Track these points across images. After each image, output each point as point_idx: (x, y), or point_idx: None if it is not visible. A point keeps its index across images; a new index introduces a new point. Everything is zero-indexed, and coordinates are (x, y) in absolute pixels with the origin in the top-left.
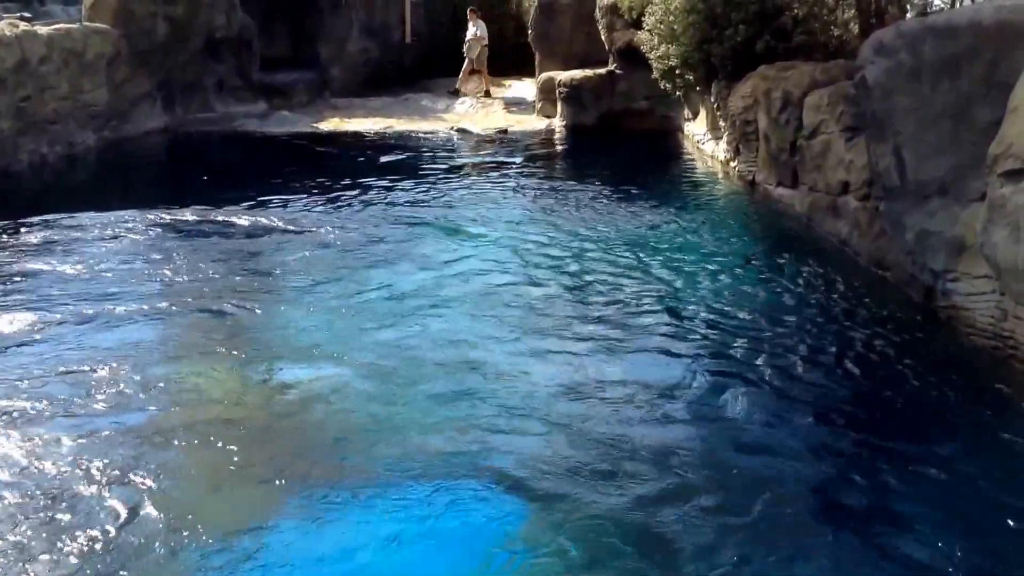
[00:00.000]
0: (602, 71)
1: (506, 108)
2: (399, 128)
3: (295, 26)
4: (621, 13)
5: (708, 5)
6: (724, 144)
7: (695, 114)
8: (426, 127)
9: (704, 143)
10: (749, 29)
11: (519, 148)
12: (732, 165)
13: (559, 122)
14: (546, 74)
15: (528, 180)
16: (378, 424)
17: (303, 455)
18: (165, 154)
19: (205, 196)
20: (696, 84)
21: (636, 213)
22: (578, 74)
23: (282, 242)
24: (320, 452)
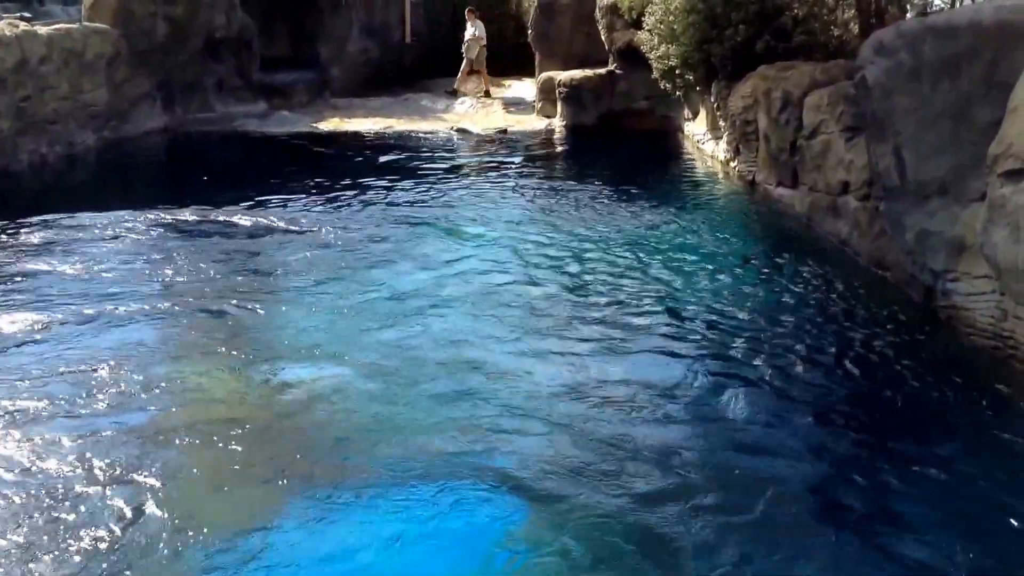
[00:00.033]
0: (602, 71)
1: (506, 108)
2: (399, 128)
3: (295, 26)
4: (621, 13)
5: (708, 5)
6: (724, 144)
7: (695, 114)
8: (426, 127)
9: (704, 143)
10: (749, 29)
11: (519, 148)
12: (732, 165)
13: (559, 122)
14: (546, 74)
15: (528, 180)
16: (380, 424)
17: (305, 455)
18: (165, 154)
19: (205, 196)
20: (696, 84)
21: (636, 213)
22: (578, 74)
23: (283, 242)
24: (322, 452)
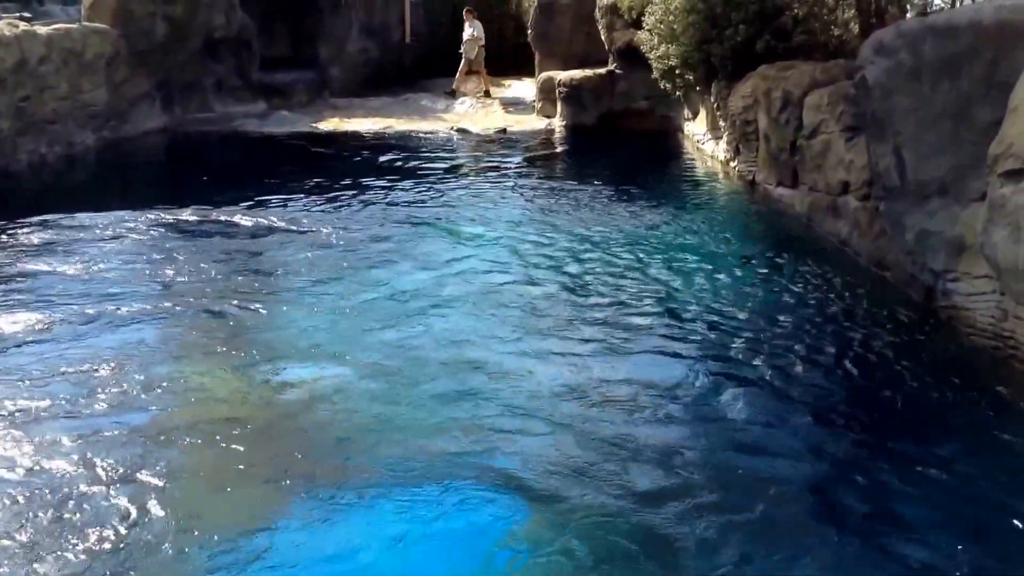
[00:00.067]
0: (602, 71)
1: (506, 108)
2: (399, 128)
3: (295, 26)
4: (621, 13)
5: (708, 5)
6: (724, 144)
7: (695, 114)
8: (426, 127)
9: (704, 143)
10: (749, 29)
11: (519, 148)
12: (732, 165)
13: (559, 122)
14: (546, 74)
15: (528, 180)
16: (382, 424)
17: (307, 455)
18: (164, 154)
19: (204, 196)
20: (696, 84)
21: (636, 213)
22: (578, 74)
23: (283, 242)
24: (324, 452)
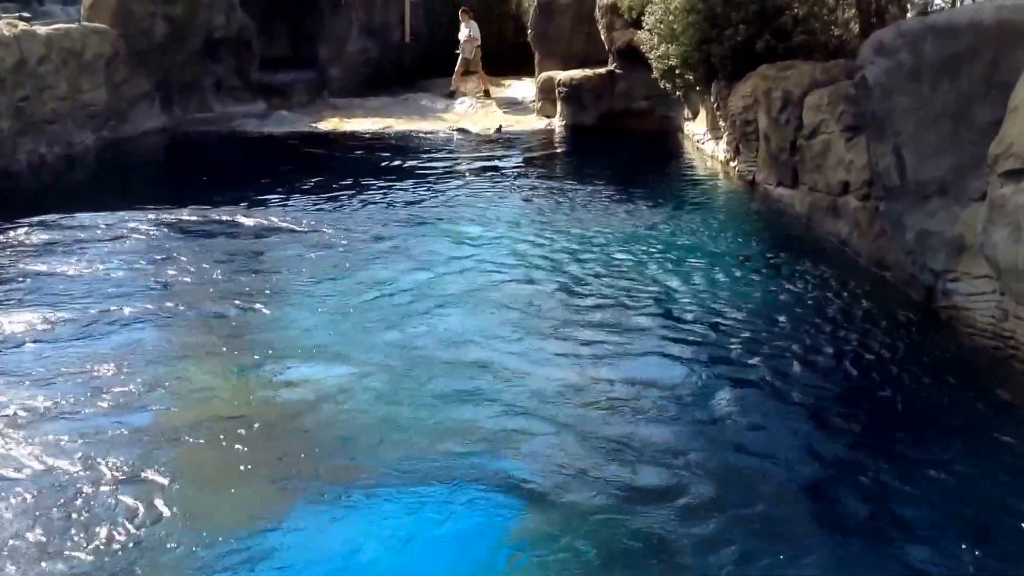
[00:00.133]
0: (602, 71)
1: (505, 108)
2: (398, 128)
3: (294, 26)
4: (621, 13)
5: (708, 5)
6: (724, 144)
7: (695, 114)
8: (426, 127)
9: (704, 143)
10: (749, 29)
11: (519, 148)
12: (732, 165)
13: (559, 122)
14: (546, 74)
15: (528, 180)
16: (385, 424)
17: (311, 455)
18: (164, 154)
19: (204, 196)
20: (696, 84)
21: (636, 213)
22: (578, 74)
23: (284, 242)
24: (328, 452)
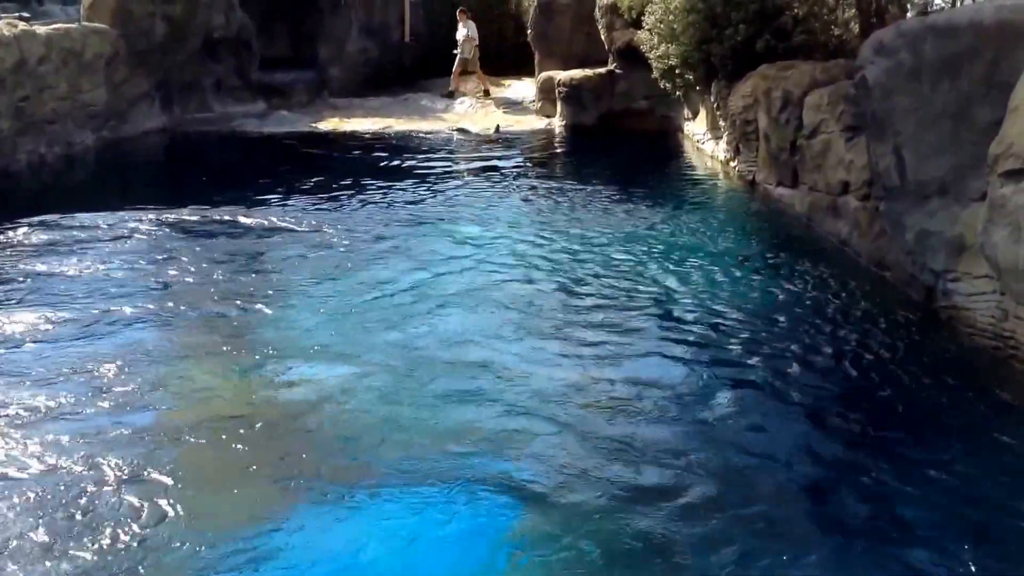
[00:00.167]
0: (602, 71)
1: (505, 108)
2: (398, 128)
3: (294, 26)
4: (621, 12)
5: (708, 5)
6: (724, 144)
7: (695, 114)
8: (426, 127)
9: (704, 143)
10: (749, 28)
11: (519, 148)
12: (732, 165)
13: (559, 122)
14: (545, 74)
15: (528, 180)
16: (387, 424)
17: (313, 455)
18: (164, 154)
19: (204, 196)
20: (696, 84)
21: (636, 213)
22: (578, 74)
23: (285, 242)
24: (330, 452)
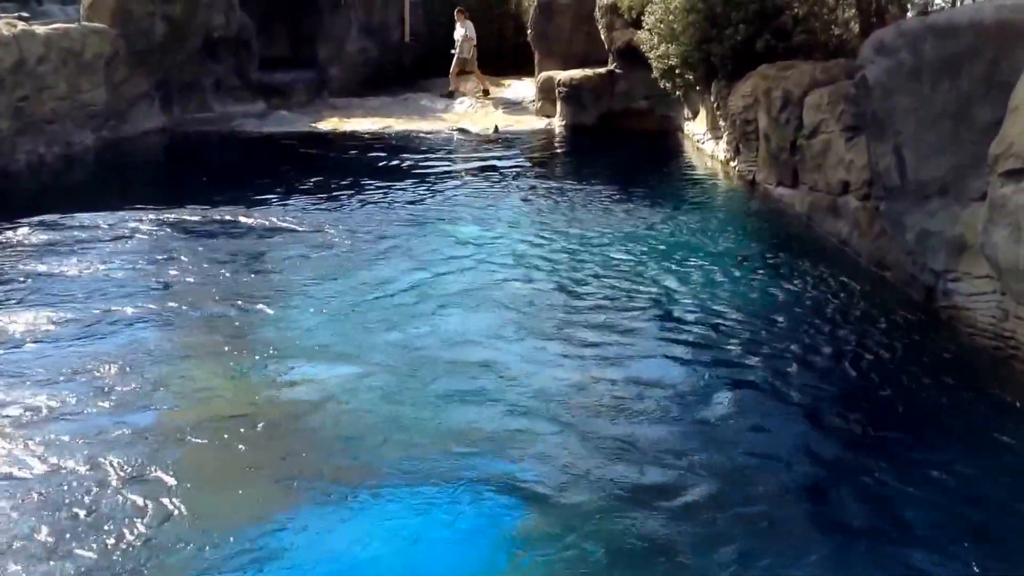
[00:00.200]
0: (602, 71)
1: (505, 108)
2: (398, 128)
3: (294, 26)
4: (621, 12)
5: (708, 4)
6: (724, 144)
7: (695, 114)
8: (425, 127)
9: (704, 143)
10: (749, 28)
11: (519, 148)
12: (732, 165)
13: (559, 122)
14: (545, 74)
15: (528, 180)
16: (389, 424)
17: (316, 454)
18: (163, 154)
19: (204, 196)
20: (696, 84)
21: (636, 213)
22: (578, 74)
23: (285, 242)
24: (331, 451)
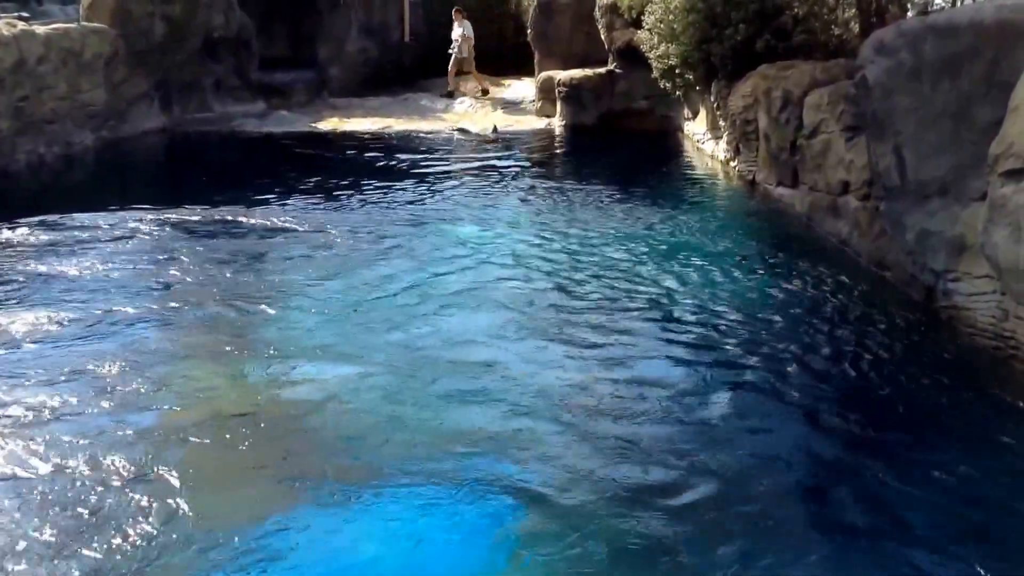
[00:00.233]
0: (602, 71)
1: (505, 108)
2: (398, 128)
3: (294, 26)
4: (621, 12)
5: (708, 4)
6: (724, 144)
7: (695, 114)
8: (425, 127)
9: (704, 143)
10: (749, 28)
11: (519, 148)
12: (732, 165)
13: (559, 122)
14: (545, 73)
15: (528, 180)
16: (391, 424)
17: (318, 454)
18: (163, 154)
19: (204, 196)
20: (696, 83)
21: (635, 213)
22: (577, 73)
23: (285, 242)
24: (333, 451)
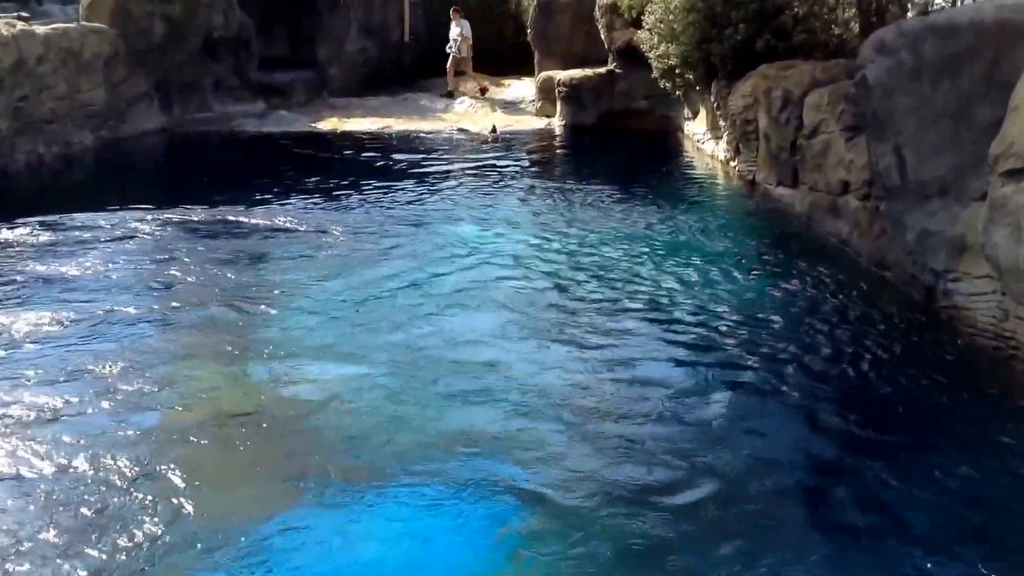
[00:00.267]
0: (602, 70)
1: (505, 108)
2: (398, 128)
3: (293, 26)
4: (621, 12)
5: (708, 4)
6: (724, 144)
7: (695, 114)
8: (425, 127)
9: (704, 143)
10: (749, 28)
11: (519, 148)
12: (732, 165)
13: (558, 121)
14: (545, 73)
15: (528, 180)
16: (393, 423)
17: (320, 454)
18: (163, 154)
19: (204, 196)
20: (696, 83)
21: (635, 213)
22: (577, 73)
23: (285, 242)
24: (335, 451)
